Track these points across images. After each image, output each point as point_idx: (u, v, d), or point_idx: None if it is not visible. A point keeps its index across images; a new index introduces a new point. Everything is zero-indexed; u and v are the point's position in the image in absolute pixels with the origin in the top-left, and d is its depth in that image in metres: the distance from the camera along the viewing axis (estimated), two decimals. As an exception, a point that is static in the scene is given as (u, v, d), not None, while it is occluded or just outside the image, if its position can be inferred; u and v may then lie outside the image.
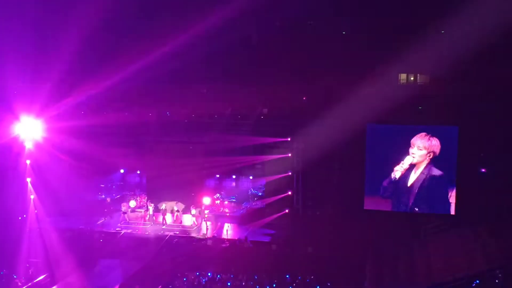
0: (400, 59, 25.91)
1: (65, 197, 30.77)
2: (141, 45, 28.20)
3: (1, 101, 27.98)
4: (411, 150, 27.29)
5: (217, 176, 32.86)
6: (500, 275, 22.10)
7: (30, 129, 28.99)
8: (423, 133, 27.16)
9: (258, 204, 31.40)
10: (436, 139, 26.99)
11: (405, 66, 27.62)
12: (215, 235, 28.62)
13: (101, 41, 29.43)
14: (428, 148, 27.11)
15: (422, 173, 27.30)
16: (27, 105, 28.39)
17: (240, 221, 30.15)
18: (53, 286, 24.85)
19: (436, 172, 27.12)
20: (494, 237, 23.97)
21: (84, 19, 27.06)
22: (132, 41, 28.93)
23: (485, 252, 22.91)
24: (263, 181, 31.29)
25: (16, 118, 28.57)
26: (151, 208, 30.34)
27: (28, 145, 29.22)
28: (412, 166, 27.43)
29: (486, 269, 21.89)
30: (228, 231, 29.02)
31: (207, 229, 28.96)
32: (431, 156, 27.13)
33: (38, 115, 28.83)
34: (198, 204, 30.50)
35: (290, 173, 29.95)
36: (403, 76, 28.95)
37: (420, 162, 27.31)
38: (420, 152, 27.21)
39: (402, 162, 27.45)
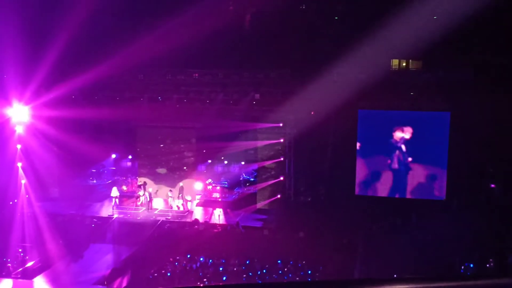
0: (392, 44, 25.87)
1: (56, 182, 30.78)
2: (133, 31, 28.01)
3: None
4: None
5: (209, 161, 32.81)
6: (491, 259, 22.32)
7: (20, 114, 28.84)
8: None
9: (250, 189, 31.39)
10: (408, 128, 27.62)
11: (397, 52, 27.58)
12: (207, 220, 28.67)
13: (92, 26, 29.14)
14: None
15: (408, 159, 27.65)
16: (18, 90, 28.21)
17: (232, 206, 30.15)
18: (44, 270, 24.84)
19: (425, 157, 27.42)
20: (486, 222, 24.12)
21: (76, 7, 26.83)
22: (123, 27, 28.69)
23: (477, 237, 23.08)
24: (255, 166, 31.27)
25: (8, 103, 28.47)
26: (147, 194, 30.31)
27: (19, 130, 29.10)
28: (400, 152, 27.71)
29: (478, 254, 22.07)
30: (220, 216, 29.06)
31: (190, 211, 29.10)
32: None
33: (29, 100, 28.65)
34: (189, 190, 30.58)
35: (282, 159, 29.98)
36: (395, 62, 28.90)
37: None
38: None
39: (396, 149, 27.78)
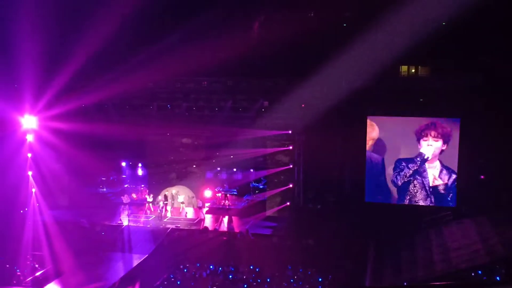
0: (401, 51, 25.80)
1: (66, 191, 30.91)
2: (143, 43, 28.32)
3: (9, 97, 28.10)
4: (427, 142, 27.26)
5: (218, 169, 32.88)
6: (501, 267, 22.06)
7: (31, 124, 29.10)
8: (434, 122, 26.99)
9: (259, 197, 31.39)
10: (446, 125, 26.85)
11: (406, 58, 27.50)
12: (216, 227, 28.66)
13: (106, 42, 29.22)
14: (443, 137, 26.96)
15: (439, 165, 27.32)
16: (30, 100, 28.44)
17: (242, 214, 30.16)
18: (55, 279, 24.93)
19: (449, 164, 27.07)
20: (495, 229, 23.90)
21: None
22: (134, 40, 29.02)
23: (487, 244, 22.87)
24: (264, 173, 31.25)
25: (20, 112, 28.73)
26: (161, 203, 30.36)
27: (29, 139, 29.30)
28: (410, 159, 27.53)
29: (488, 262, 21.84)
30: (230, 224, 29.06)
31: (202, 220, 29.10)
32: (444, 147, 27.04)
33: (40, 110, 28.87)
34: (199, 197, 30.68)
35: (291, 166, 29.91)
36: (404, 68, 28.82)
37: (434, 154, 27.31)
38: (437, 143, 27.15)
39: (421, 155, 27.43)
